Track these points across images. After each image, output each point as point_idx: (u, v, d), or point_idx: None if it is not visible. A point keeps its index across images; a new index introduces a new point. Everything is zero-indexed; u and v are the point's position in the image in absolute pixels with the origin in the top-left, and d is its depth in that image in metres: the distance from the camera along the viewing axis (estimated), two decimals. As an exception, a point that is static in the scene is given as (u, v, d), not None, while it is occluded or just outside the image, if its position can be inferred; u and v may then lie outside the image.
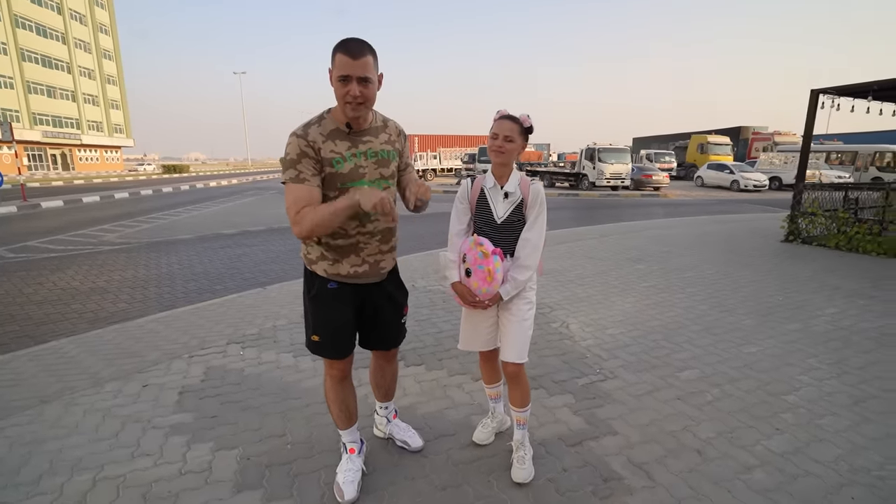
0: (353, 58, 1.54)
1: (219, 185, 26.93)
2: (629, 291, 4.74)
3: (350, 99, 1.58)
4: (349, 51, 1.54)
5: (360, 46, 1.56)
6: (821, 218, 7.38)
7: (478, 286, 1.81)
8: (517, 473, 1.95)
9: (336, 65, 1.56)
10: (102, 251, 7.73)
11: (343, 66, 1.55)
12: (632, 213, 13.09)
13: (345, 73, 1.55)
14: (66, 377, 2.92)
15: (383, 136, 1.77)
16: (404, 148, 1.88)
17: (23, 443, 2.24)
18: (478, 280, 1.80)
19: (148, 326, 3.83)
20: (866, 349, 3.30)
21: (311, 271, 1.80)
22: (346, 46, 1.55)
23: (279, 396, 2.66)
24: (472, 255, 1.80)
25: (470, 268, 1.81)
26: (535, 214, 1.86)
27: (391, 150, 1.79)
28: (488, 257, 1.76)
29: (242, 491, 1.91)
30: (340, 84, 1.57)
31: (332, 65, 1.59)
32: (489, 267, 1.76)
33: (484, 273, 1.78)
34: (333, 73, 1.58)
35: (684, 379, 2.87)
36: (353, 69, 1.55)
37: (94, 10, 50.56)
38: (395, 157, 1.82)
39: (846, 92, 7.29)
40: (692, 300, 4.42)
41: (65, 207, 14.90)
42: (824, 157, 22.89)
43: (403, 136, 1.88)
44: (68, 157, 47.20)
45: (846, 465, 2.05)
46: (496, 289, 1.81)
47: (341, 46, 1.56)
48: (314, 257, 1.77)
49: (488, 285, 1.79)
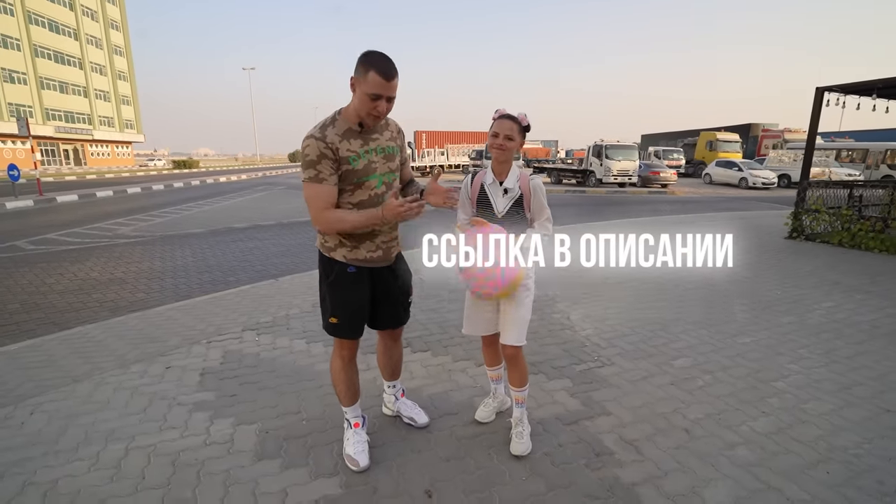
0: (387, 80, 1.68)
1: (228, 181, 27.27)
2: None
3: (377, 114, 1.74)
4: (384, 73, 1.66)
5: (393, 69, 1.68)
6: (824, 215, 7.44)
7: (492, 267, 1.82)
8: (515, 447, 2.10)
9: (369, 82, 1.67)
10: (118, 244, 7.97)
11: (377, 87, 1.67)
12: (638, 209, 13.15)
13: (378, 92, 1.68)
14: (95, 359, 3.11)
15: (387, 134, 1.94)
16: (403, 144, 2.06)
17: (59, 416, 2.43)
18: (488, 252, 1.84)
19: (167, 314, 4.02)
20: (858, 340, 3.41)
21: (329, 258, 1.96)
22: (380, 67, 1.66)
23: (293, 378, 2.84)
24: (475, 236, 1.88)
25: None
26: (535, 206, 2.00)
27: (394, 145, 1.96)
28: (484, 225, 1.86)
29: (262, 460, 2.08)
30: (370, 99, 1.70)
31: (360, 77, 1.69)
32: (486, 231, 1.83)
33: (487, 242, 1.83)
34: (364, 87, 1.69)
35: (678, 366, 3.01)
36: (385, 90, 1.69)
37: (105, 7, 51.15)
38: (398, 152, 1.99)
39: (851, 90, 7.32)
40: (691, 294, 4.54)
41: (79, 202, 15.23)
42: (834, 155, 22.73)
43: (402, 134, 2.06)
44: (80, 152, 47.93)
45: (825, 444, 2.19)
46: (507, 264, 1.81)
47: (375, 66, 1.66)
48: (332, 245, 1.94)
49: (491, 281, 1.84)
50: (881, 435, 2.27)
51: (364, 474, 1.98)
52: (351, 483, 1.94)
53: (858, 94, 7.51)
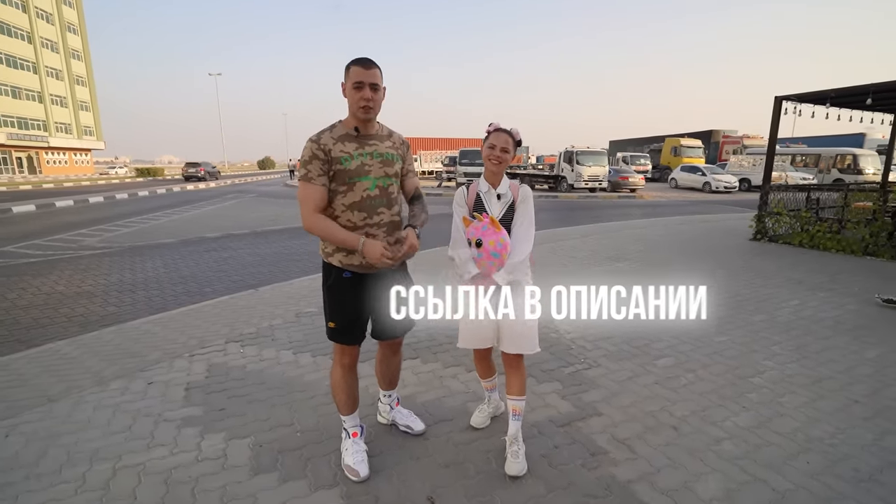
0: (365, 69, 1.85)
1: (196, 189, 26.52)
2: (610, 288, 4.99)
3: (363, 102, 1.85)
4: (362, 63, 1.85)
5: (370, 61, 1.87)
6: (785, 217, 7.82)
7: (493, 245, 1.93)
8: (511, 467, 2.02)
9: (350, 75, 1.85)
10: (84, 255, 7.64)
11: (357, 75, 1.84)
12: (610, 213, 13.50)
13: (359, 79, 1.84)
14: (70, 377, 2.98)
15: (388, 143, 2.01)
16: (407, 155, 2.12)
17: (38, 438, 2.32)
18: (504, 251, 1.95)
19: (144, 328, 3.89)
20: (824, 336, 3.61)
21: (327, 263, 1.99)
22: (358, 60, 1.86)
23: (283, 390, 2.79)
24: (474, 229, 1.98)
25: (480, 238, 1.95)
26: (521, 211, 2.05)
27: (395, 153, 2.02)
28: (499, 229, 1.96)
29: (259, 474, 2.04)
30: (355, 91, 1.84)
31: (345, 78, 1.88)
32: (502, 237, 1.95)
33: (505, 245, 1.95)
34: (348, 83, 1.86)
35: (661, 366, 3.11)
36: (365, 77, 1.84)
37: (61, 9, 49.07)
38: (399, 161, 2.05)
39: (807, 99, 7.76)
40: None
41: (37, 212, 14.51)
42: (790, 160, 23.93)
43: (406, 146, 2.12)
44: (35, 159, 45.61)
45: (803, 436, 2.31)
46: (504, 239, 1.95)
47: (355, 61, 1.86)
48: (330, 250, 1.97)
49: (496, 235, 1.94)
50: (853, 425, 2.41)
51: (365, 484, 1.98)
52: (352, 493, 1.93)
53: (813, 103, 7.96)
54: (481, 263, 1.97)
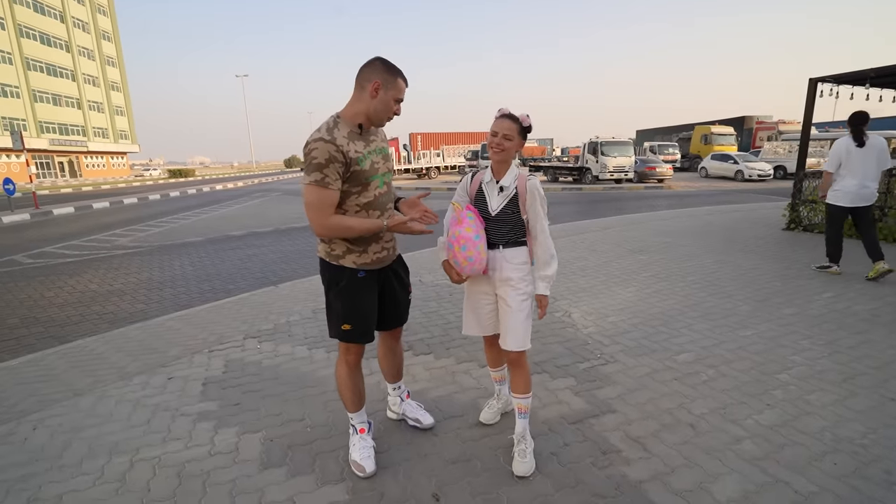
0: (407, 86, 1.91)
1: (225, 189, 27.24)
2: (630, 281, 4.85)
3: (393, 116, 1.92)
4: (406, 80, 1.89)
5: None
6: (821, 205, 7.44)
7: (458, 250, 1.90)
8: (518, 466, 1.98)
9: (398, 88, 1.86)
10: (116, 255, 7.95)
11: (402, 91, 1.88)
12: (635, 205, 13.17)
13: (402, 97, 1.89)
14: (96, 372, 3.10)
15: (380, 135, 2.03)
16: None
17: (62, 431, 2.41)
18: (457, 245, 1.91)
19: (167, 324, 4.01)
20: (859, 330, 3.41)
21: (337, 265, 1.93)
22: (403, 75, 1.88)
23: (297, 385, 2.83)
24: (450, 224, 1.97)
25: (450, 241, 1.94)
26: (532, 216, 1.98)
27: (386, 147, 2.05)
28: (461, 222, 1.91)
29: (268, 468, 2.07)
30: (395, 103, 1.88)
31: (389, 83, 1.83)
32: (458, 230, 1.90)
33: (458, 238, 1.90)
34: (392, 93, 1.85)
35: (681, 361, 3.00)
36: (404, 94, 1.90)
37: (96, 18, 51.07)
38: (391, 155, 2.09)
39: (844, 80, 7.34)
40: (691, 288, 4.53)
41: (76, 214, 15.20)
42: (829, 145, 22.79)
43: (387, 139, 2.14)
44: (75, 164, 47.81)
45: (830, 435, 2.18)
46: (477, 255, 1.90)
47: (400, 74, 1.87)
48: (340, 252, 1.93)
49: (465, 251, 1.88)
50: (886, 424, 2.26)
51: (371, 480, 1.98)
52: (358, 489, 1.93)
53: (851, 84, 7.53)
54: (449, 251, 1.99)
